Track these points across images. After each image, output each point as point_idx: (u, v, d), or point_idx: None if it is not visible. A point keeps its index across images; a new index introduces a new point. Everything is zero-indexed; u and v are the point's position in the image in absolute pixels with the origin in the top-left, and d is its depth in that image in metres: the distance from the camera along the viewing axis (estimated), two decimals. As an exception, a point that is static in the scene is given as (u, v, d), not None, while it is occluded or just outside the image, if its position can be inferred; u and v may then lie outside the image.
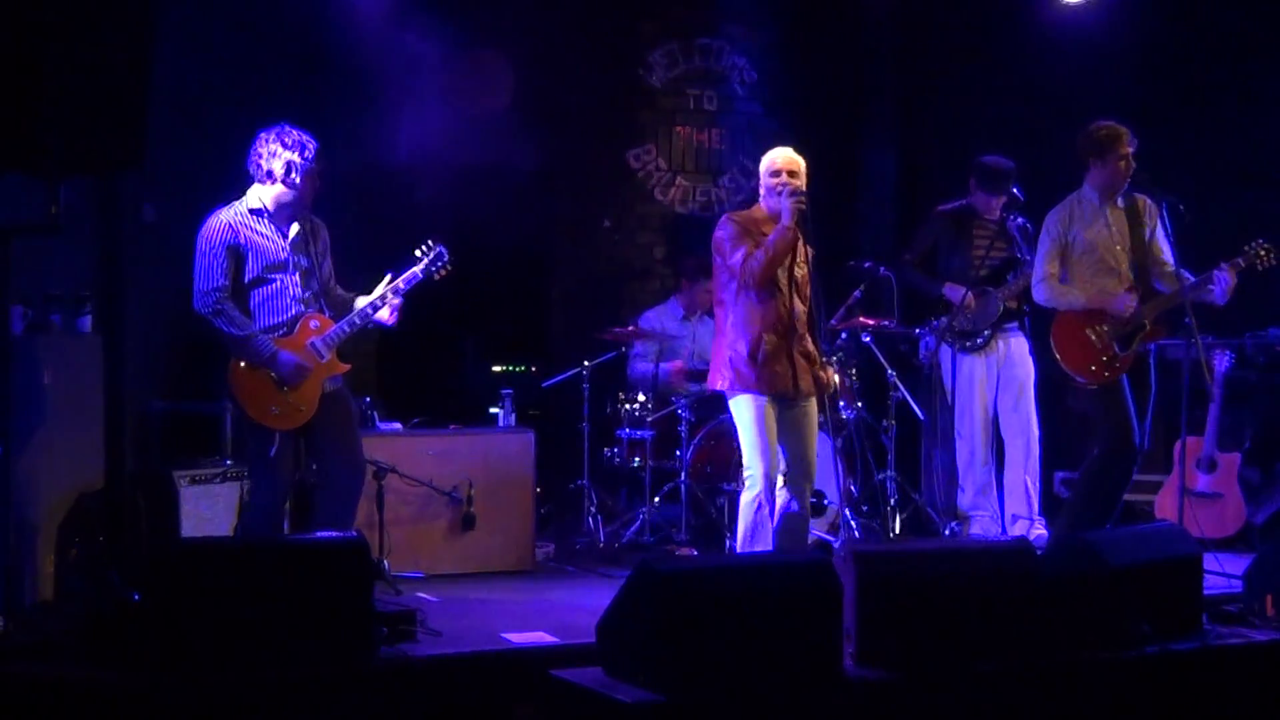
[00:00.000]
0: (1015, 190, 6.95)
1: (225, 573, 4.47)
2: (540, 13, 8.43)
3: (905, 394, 7.48)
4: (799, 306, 5.71)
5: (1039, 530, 6.86)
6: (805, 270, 5.76)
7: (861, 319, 7.22)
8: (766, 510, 5.61)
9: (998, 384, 7.07)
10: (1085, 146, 6.30)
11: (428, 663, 4.74)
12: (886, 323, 7.34)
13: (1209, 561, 5.57)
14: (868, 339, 7.33)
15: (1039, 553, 5.07)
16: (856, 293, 7.28)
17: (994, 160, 7.08)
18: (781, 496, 5.66)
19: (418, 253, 5.58)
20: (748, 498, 5.64)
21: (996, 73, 8.53)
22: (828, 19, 9.21)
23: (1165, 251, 6.29)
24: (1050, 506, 7.24)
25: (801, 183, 5.66)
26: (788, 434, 5.66)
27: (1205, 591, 5.29)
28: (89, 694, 4.30)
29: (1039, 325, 6.79)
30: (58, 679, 4.40)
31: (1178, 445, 6.82)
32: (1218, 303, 6.15)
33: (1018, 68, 8.40)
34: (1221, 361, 7.01)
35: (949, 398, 7.04)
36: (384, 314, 5.50)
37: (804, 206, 5.59)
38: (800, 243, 5.70)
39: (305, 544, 4.87)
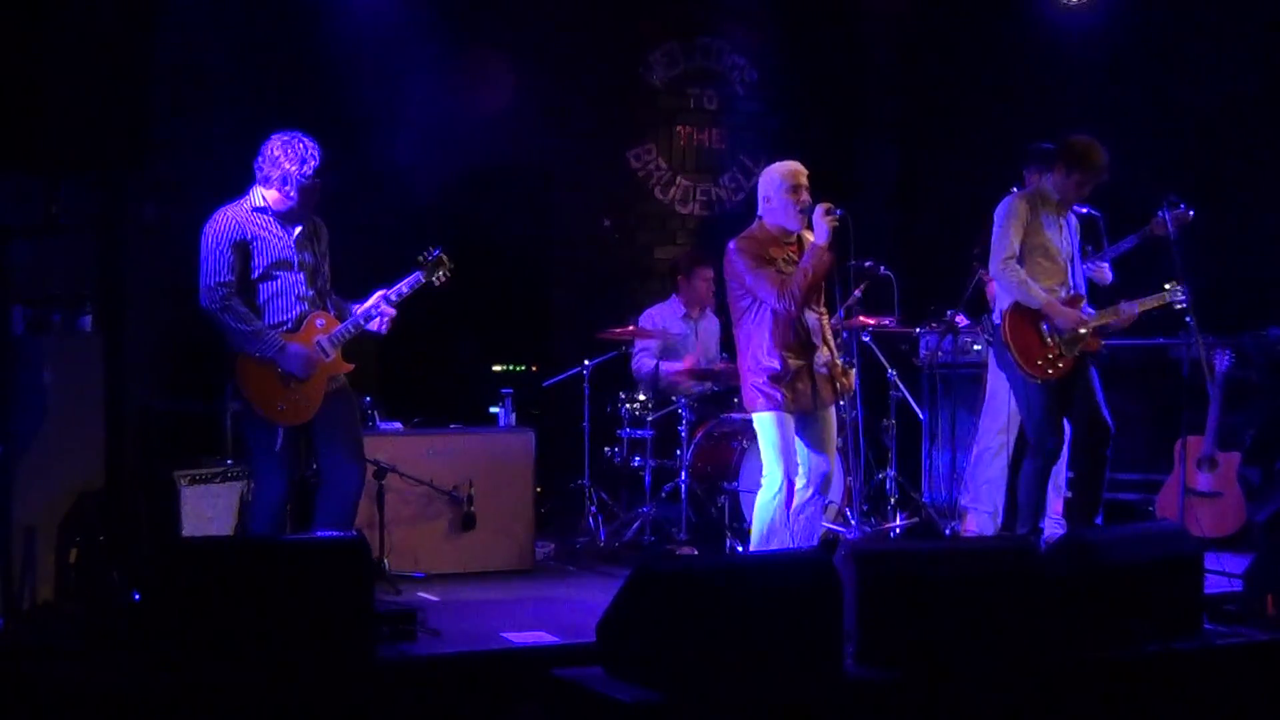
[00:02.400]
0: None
1: (225, 573, 4.46)
2: (540, 13, 8.44)
3: (905, 393, 7.48)
4: (812, 316, 5.69)
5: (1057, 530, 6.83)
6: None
7: (862, 318, 7.21)
8: (784, 512, 5.62)
9: None
10: (1060, 150, 6.25)
11: (428, 663, 4.75)
12: (887, 322, 7.33)
13: (1209, 561, 5.56)
14: (868, 338, 7.33)
15: (1039, 552, 5.07)
16: (857, 292, 7.26)
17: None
18: (799, 499, 5.68)
19: (419, 259, 5.59)
20: (765, 498, 5.64)
21: (996, 73, 8.53)
22: (828, 19, 9.21)
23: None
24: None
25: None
26: (808, 440, 5.70)
27: (1205, 591, 5.28)
28: (89, 694, 4.30)
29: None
30: (58, 679, 4.40)
31: (1178, 444, 6.82)
32: (1112, 327, 6.28)
33: (1018, 68, 8.41)
34: (1222, 361, 7.01)
35: (987, 399, 6.99)
36: (374, 324, 5.51)
37: (838, 224, 5.56)
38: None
39: (305, 544, 4.87)
